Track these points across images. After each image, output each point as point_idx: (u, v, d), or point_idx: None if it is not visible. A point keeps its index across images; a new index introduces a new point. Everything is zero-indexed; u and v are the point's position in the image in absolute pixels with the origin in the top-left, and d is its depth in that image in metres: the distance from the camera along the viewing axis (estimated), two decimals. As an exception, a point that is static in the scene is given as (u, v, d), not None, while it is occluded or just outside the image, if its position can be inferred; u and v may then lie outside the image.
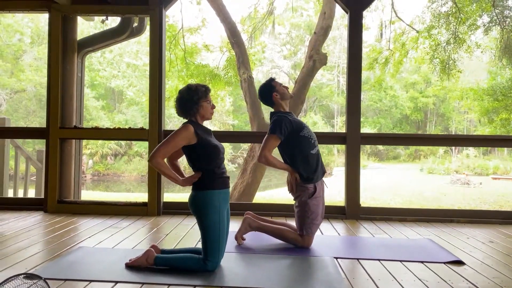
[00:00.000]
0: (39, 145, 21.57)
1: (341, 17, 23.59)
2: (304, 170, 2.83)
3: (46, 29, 23.92)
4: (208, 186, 2.31)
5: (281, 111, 2.95)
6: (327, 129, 28.33)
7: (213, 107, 2.47)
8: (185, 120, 2.44)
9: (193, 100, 2.37)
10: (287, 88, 3.01)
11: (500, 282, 2.26)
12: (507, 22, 9.64)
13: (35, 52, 23.52)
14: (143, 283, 2.11)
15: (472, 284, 2.22)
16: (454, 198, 13.43)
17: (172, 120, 21.42)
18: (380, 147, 28.17)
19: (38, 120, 23.45)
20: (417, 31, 9.51)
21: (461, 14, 8.34)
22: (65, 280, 2.14)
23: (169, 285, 2.10)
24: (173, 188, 16.21)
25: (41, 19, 24.18)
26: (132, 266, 2.34)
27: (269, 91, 2.96)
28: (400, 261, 2.62)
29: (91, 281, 2.14)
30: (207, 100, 2.42)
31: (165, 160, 2.35)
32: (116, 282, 2.13)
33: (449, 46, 8.90)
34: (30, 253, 2.66)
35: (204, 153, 2.34)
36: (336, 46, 28.92)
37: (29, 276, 1.70)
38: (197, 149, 2.34)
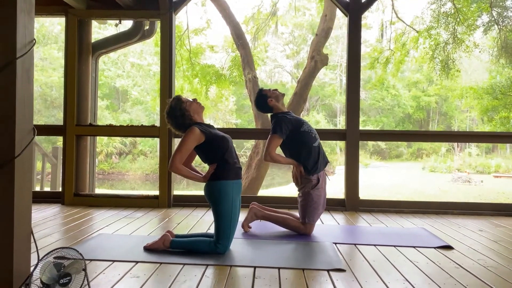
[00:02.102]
0: (44, 144, 21.86)
1: (343, 17, 23.77)
2: (308, 163, 3.06)
3: (51, 30, 24.05)
4: (222, 176, 2.54)
5: (280, 112, 3.18)
6: (329, 127, 28.53)
7: (195, 100, 2.71)
8: None
9: (178, 115, 2.61)
10: (276, 90, 3.25)
11: (484, 263, 2.49)
12: (505, 22, 9.83)
13: (40, 52, 23.81)
14: (161, 263, 2.36)
15: (458, 265, 2.45)
16: (454, 196, 13.62)
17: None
18: (383, 145, 28.35)
19: (44, 119, 23.74)
20: (417, 31, 9.72)
21: (460, 15, 8.55)
22: (91, 260, 2.39)
23: (184, 264, 2.34)
24: (178, 186, 16.48)
25: (46, 20, 24.47)
26: (150, 249, 2.58)
27: (264, 100, 3.20)
28: (394, 246, 2.85)
29: (114, 261, 2.39)
30: (186, 103, 2.64)
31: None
32: (137, 262, 2.37)
33: (448, 46, 9.10)
34: (53, 239, 2.90)
35: (215, 147, 2.57)
36: (339, 46, 29.12)
37: (63, 255, 1.93)
38: (208, 145, 2.57)
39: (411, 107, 29.38)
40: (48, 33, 25.09)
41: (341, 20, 24.77)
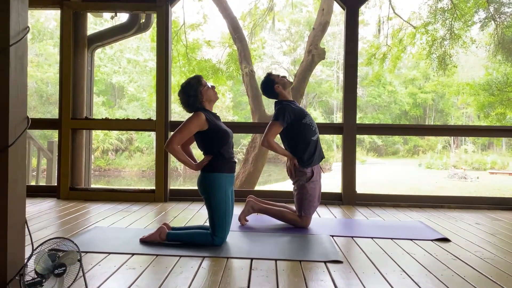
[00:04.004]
0: (40, 140, 21.70)
1: (340, 13, 23.74)
2: (304, 155, 3.04)
3: (47, 25, 23.86)
4: (216, 169, 2.52)
5: (285, 100, 3.16)
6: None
7: (213, 87, 2.67)
8: None
9: (192, 94, 2.57)
10: (285, 77, 3.22)
11: (480, 255, 2.49)
12: (502, 18, 9.84)
13: (36, 48, 23.64)
14: (157, 255, 2.34)
15: (455, 256, 2.45)
16: (450, 192, 13.67)
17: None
18: (379, 142, 28.41)
19: (40, 115, 23.59)
20: (414, 27, 9.71)
21: (457, 11, 8.54)
22: (87, 252, 2.36)
23: (181, 256, 2.32)
24: (174, 183, 16.44)
25: (42, 15, 24.30)
26: (146, 241, 2.56)
27: (271, 85, 3.17)
28: (391, 238, 2.85)
29: (109, 253, 2.36)
30: (203, 86, 2.61)
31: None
32: (133, 254, 2.35)
33: (445, 41, 9.11)
34: (49, 232, 2.88)
35: (215, 138, 2.54)
36: (336, 42, 29.08)
37: (58, 245, 1.91)
38: (209, 134, 2.54)
39: (408, 104, 29.45)
40: (43, 29, 24.91)
41: (338, 17, 24.75)
